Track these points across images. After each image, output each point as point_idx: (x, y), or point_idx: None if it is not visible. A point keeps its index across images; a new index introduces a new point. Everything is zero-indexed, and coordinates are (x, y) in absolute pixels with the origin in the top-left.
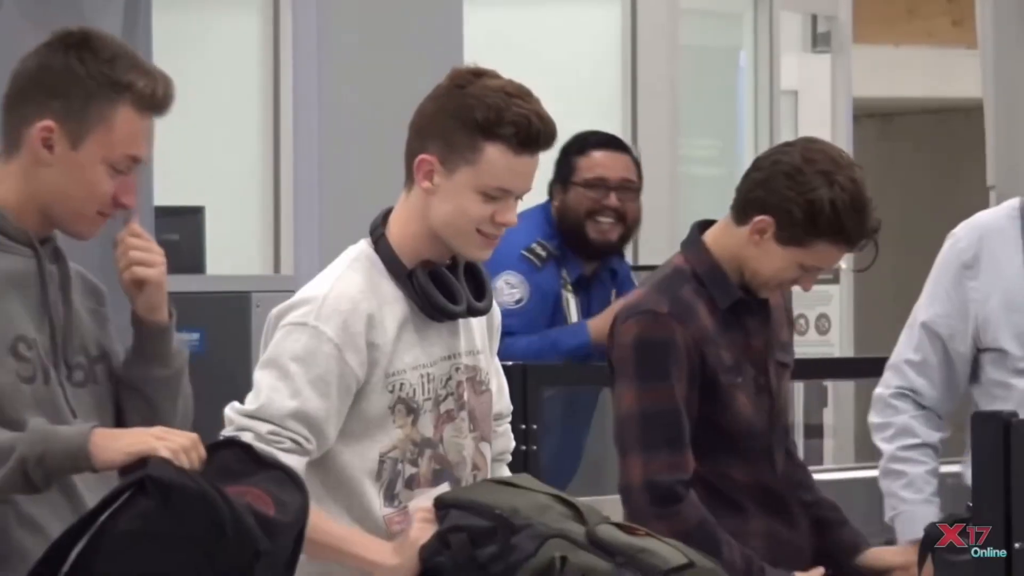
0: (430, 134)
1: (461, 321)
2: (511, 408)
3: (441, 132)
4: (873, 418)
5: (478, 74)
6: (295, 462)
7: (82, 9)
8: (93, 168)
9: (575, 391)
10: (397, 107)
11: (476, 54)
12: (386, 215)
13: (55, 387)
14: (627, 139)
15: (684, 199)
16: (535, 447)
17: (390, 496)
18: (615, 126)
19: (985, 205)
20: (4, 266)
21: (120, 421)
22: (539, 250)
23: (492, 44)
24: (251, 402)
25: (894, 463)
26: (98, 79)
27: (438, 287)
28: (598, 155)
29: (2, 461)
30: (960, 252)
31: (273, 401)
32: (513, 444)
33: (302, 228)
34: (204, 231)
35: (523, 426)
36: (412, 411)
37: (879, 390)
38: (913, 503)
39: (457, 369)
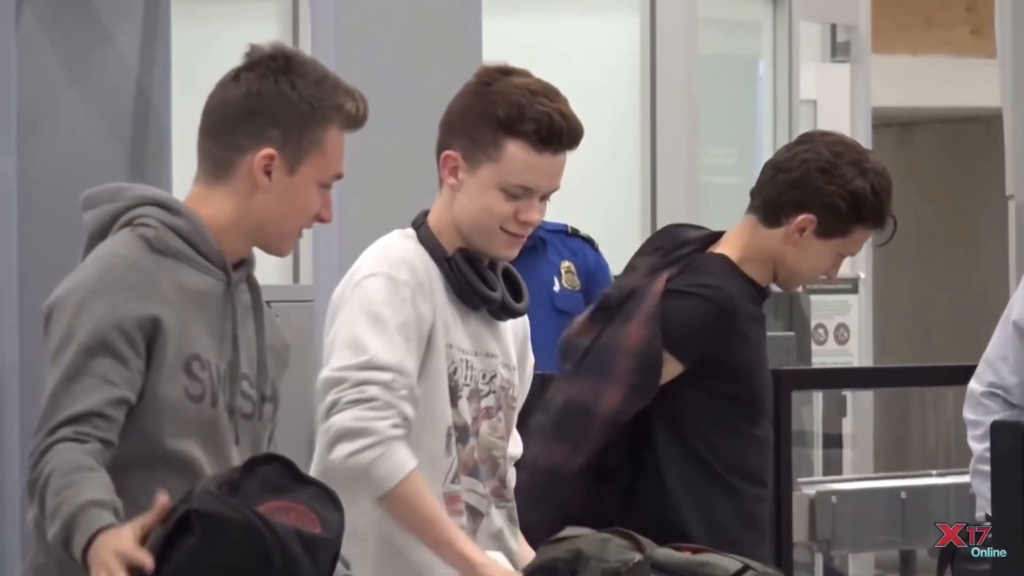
0: (456, 131)
1: (502, 332)
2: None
3: (465, 129)
4: (966, 414)
5: (506, 72)
6: (411, 411)
7: (100, 19)
8: (308, 189)
9: None
10: (416, 116)
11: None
12: (426, 213)
13: (221, 411)
14: (646, 148)
15: (703, 208)
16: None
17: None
18: (634, 135)
19: (1004, 215)
20: (194, 285)
21: None
22: None
23: (511, 53)
24: (358, 354)
25: (981, 464)
26: (313, 104)
27: (477, 275)
28: None
29: (52, 524)
30: None
31: (381, 349)
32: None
33: (321, 237)
34: None
35: None
36: (452, 390)
37: (972, 385)
38: None
39: (501, 372)
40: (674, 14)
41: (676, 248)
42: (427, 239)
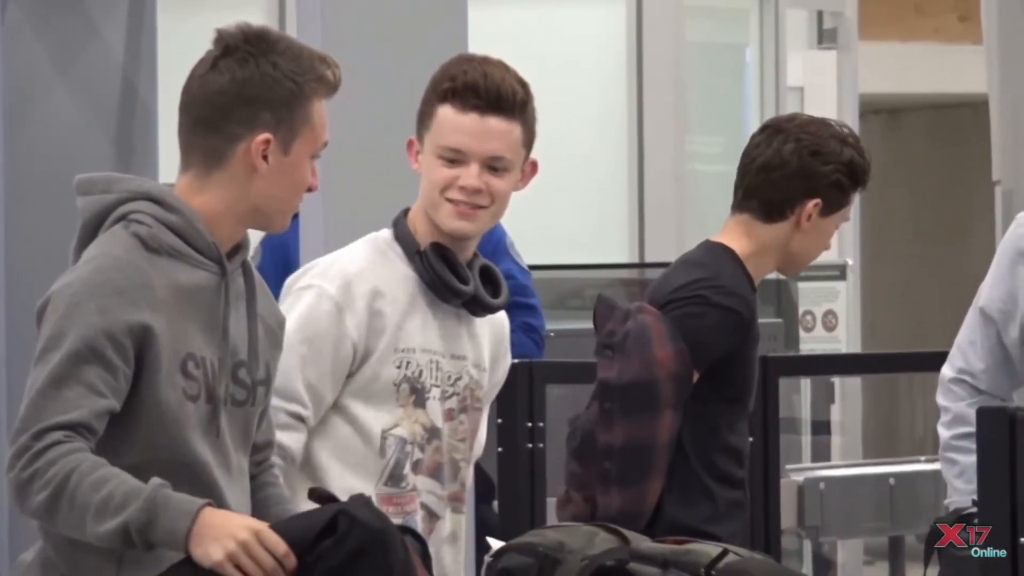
0: (417, 120)
1: (470, 330)
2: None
3: (419, 112)
4: (938, 399)
5: (468, 58)
6: (289, 439)
7: (87, 11)
8: (303, 166)
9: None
10: (401, 108)
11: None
12: (408, 209)
13: (217, 405)
14: (633, 136)
15: (690, 196)
16: (541, 445)
17: (397, 476)
18: (621, 123)
19: (991, 201)
20: (187, 281)
21: None
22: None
23: (497, 42)
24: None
25: (948, 451)
26: (296, 80)
27: (448, 268)
28: None
29: (113, 514)
30: (1018, 238)
31: (280, 373)
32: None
33: (308, 229)
34: None
35: (528, 424)
36: (416, 392)
37: (944, 370)
38: (964, 493)
39: (467, 373)
40: (661, 2)
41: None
42: (402, 235)
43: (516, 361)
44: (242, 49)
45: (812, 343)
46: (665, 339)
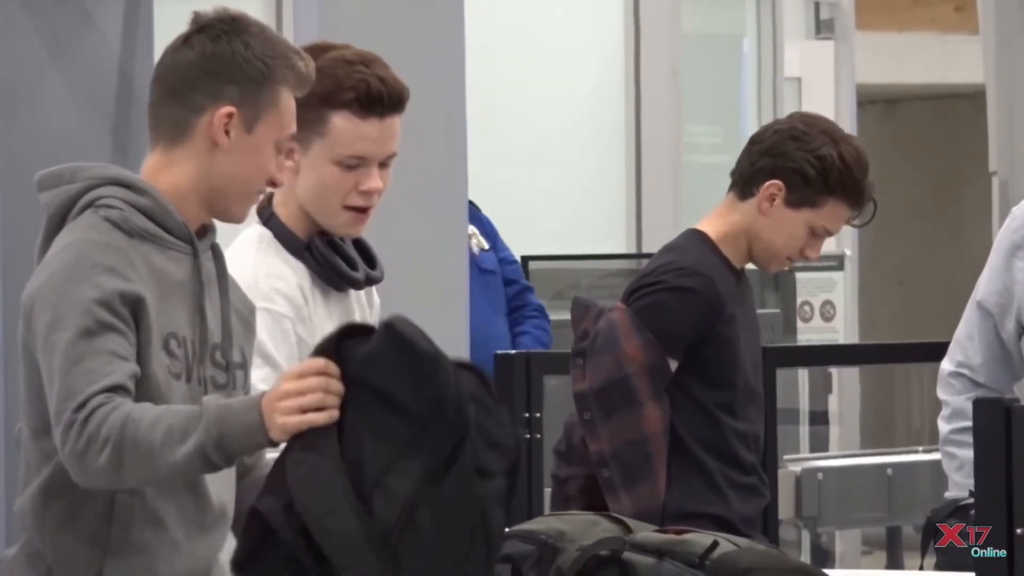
0: None
1: (354, 300)
2: None
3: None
4: (938, 393)
5: (323, 48)
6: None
7: (83, 0)
8: (265, 148)
9: None
10: None
11: (478, 44)
12: (270, 199)
13: (195, 386)
14: (630, 127)
15: (687, 186)
16: (539, 435)
17: None
18: (619, 114)
19: (988, 192)
20: (163, 263)
21: None
22: None
23: (494, 34)
24: None
25: (948, 445)
26: (266, 62)
27: (339, 256)
28: None
29: (181, 441)
30: (1013, 232)
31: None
32: None
33: None
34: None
35: (526, 414)
36: None
37: (943, 364)
38: (963, 487)
39: None
40: None
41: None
42: (280, 231)
43: (513, 352)
44: (215, 27)
45: (810, 333)
46: (633, 332)
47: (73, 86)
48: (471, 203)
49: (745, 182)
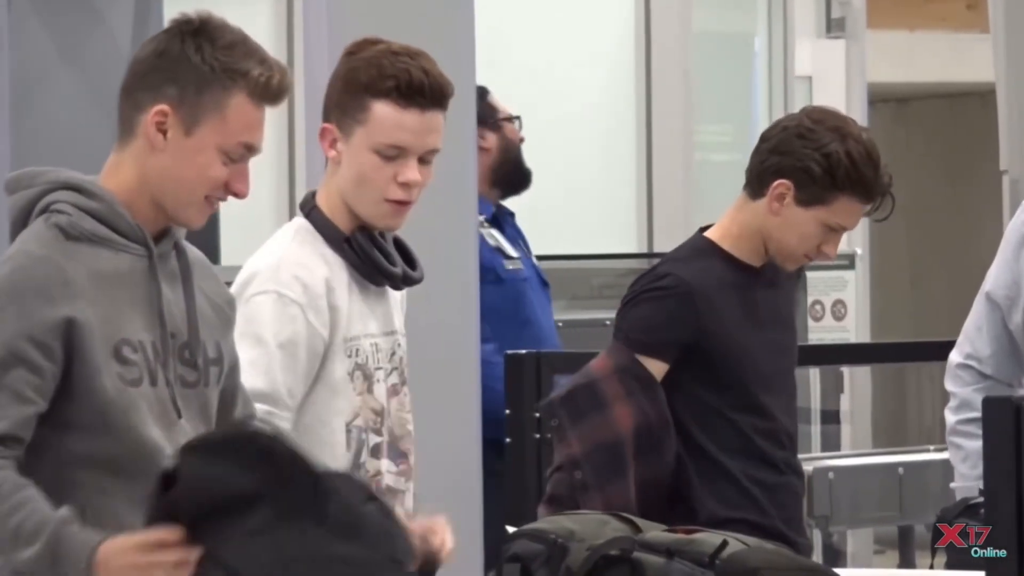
0: (329, 104)
1: (392, 300)
2: None
3: (336, 100)
4: (946, 384)
5: (372, 42)
6: None
7: (94, 2)
8: (205, 153)
9: None
10: None
11: (488, 43)
12: (314, 194)
13: (162, 388)
14: (641, 126)
15: (699, 185)
16: (548, 435)
17: (357, 465)
18: (629, 112)
19: (999, 190)
20: (111, 267)
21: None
22: None
23: (505, 32)
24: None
25: (954, 436)
26: (213, 66)
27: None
28: (493, 96)
29: (27, 544)
30: (1022, 224)
31: (255, 374)
32: None
33: None
34: (219, 222)
35: (536, 414)
36: (367, 378)
37: (951, 356)
38: (968, 478)
39: (399, 345)
40: None
41: None
42: (320, 223)
43: (523, 352)
44: (179, 27)
45: (821, 332)
46: (602, 355)
47: (83, 85)
48: (509, 212)
49: (756, 181)
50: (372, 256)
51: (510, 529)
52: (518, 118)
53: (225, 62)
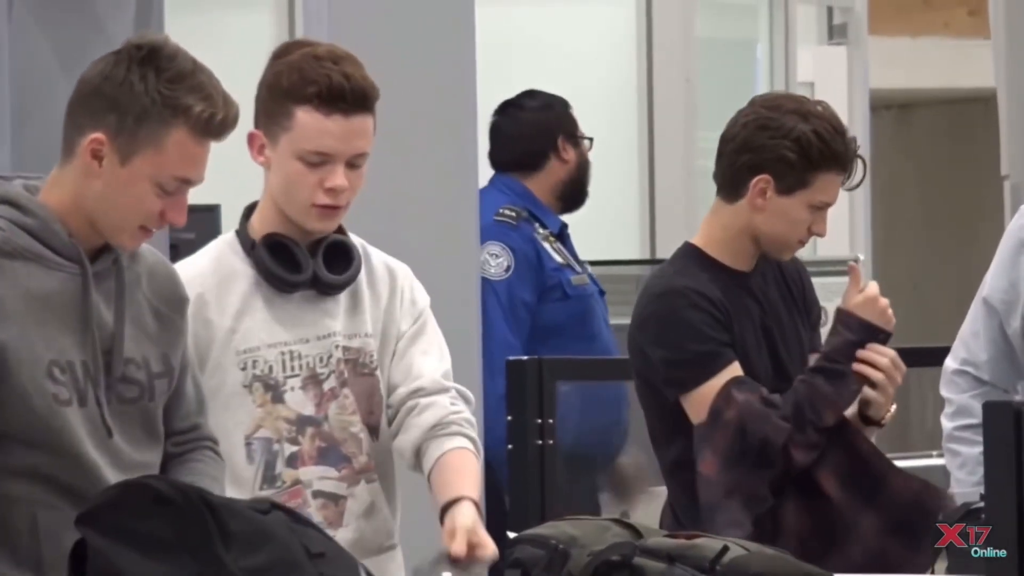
0: (258, 109)
1: (344, 303)
2: (439, 382)
3: (263, 105)
4: (941, 391)
5: (299, 44)
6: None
7: (94, 9)
8: (139, 185)
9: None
10: (408, 103)
11: (490, 49)
12: (256, 203)
13: (92, 407)
14: (643, 133)
15: (701, 192)
16: (551, 441)
17: (269, 477)
18: (631, 119)
19: (1001, 195)
20: (43, 287)
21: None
22: (509, 212)
23: (506, 38)
24: None
25: (951, 442)
26: (155, 98)
27: (283, 258)
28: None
29: None
30: (1020, 229)
31: None
32: (450, 411)
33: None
34: (220, 229)
35: (539, 420)
36: (271, 388)
37: (947, 362)
38: (965, 484)
39: (336, 347)
40: None
41: None
42: (241, 232)
43: (525, 358)
44: (127, 51)
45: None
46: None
47: None
48: (564, 224)
49: (729, 184)
50: (268, 265)
51: (511, 534)
52: (591, 139)
53: (167, 96)
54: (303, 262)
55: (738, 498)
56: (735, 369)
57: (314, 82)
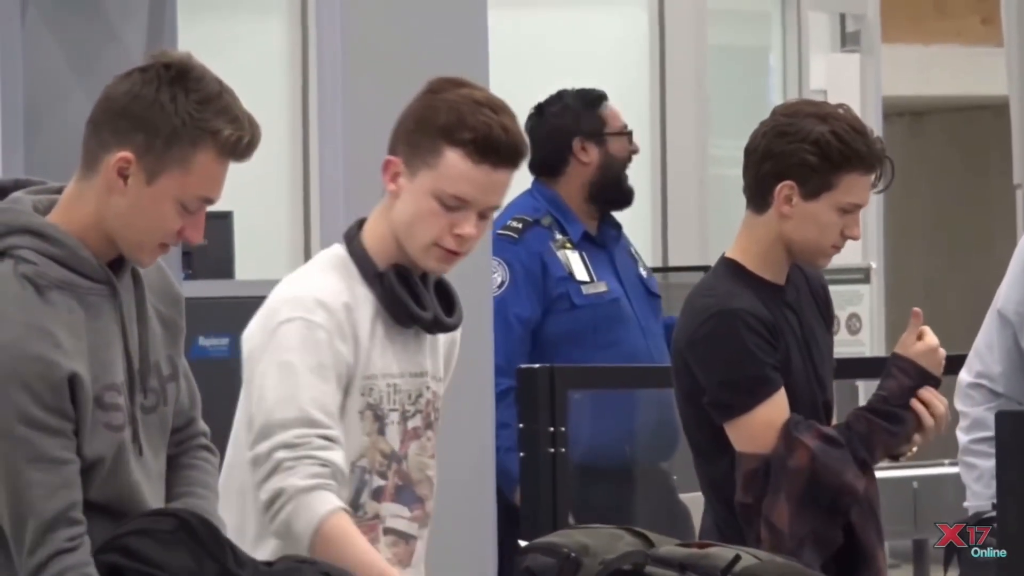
0: (399, 137)
1: (429, 344)
2: None
3: (408, 135)
4: (956, 404)
5: (457, 83)
6: (335, 456)
7: (107, 15)
8: (164, 204)
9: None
10: None
11: (502, 56)
12: (361, 222)
13: (129, 428)
14: (656, 140)
15: (713, 200)
16: (563, 449)
17: (354, 506)
18: (644, 127)
19: (1013, 204)
20: (82, 314)
21: None
22: (513, 224)
23: (519, 46)
24: (260, 421)
25: (967, 455)
26: (185, 120)
27: (409, 292)
28: (613, 105)
29: None
30: None
31: (280, 406)
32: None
33: (329, 232)
34: (233, 236)
35: (551, 428)
36: (378, 419)
37: (961, 375)
38: (982, 497)
39: (427, 388)
40: (683, 6)
41: None
42: (359, 255)
43: (536, 366)
44: (156, 70)
45: (836, 346)
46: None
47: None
48: (614, 225)
49: (757, 194)
50: (400, 296)
51: (522, 543)
52: (630, 132)
53: (198, 118)
54: (425, 299)
55: (810, 544)
56: (780, 397)
57: (472, 128)
